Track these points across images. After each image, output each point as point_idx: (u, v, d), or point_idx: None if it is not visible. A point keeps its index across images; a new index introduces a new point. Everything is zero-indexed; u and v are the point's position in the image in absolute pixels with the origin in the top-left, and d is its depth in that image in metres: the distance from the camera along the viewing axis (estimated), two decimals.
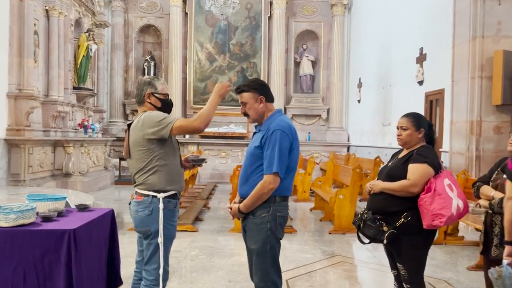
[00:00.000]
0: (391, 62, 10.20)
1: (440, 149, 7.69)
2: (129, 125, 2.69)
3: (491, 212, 2.72)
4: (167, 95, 2.79)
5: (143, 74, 13.73)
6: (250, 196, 2.48)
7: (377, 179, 2.81)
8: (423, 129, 2.71)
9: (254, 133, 2.67)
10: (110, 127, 13.16)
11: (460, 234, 5.74)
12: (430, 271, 4.46)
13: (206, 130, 13.02)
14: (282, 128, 2.48)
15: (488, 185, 2.83)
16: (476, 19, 6.33)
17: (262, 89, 2.59)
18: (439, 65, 7.70)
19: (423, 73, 8.46)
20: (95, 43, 10.71)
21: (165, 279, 2.71)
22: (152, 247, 2.61)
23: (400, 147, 2.85)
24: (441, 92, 7.74)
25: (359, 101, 12.74)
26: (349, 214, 6.16)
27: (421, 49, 8.49)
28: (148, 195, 2.60)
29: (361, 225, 2.71)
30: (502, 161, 2.89)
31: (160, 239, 2.58)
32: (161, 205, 2.58)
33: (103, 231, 2.87)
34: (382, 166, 3.10)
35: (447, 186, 2.54)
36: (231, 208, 2.62)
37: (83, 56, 10.28)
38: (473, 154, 6.39)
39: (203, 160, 2.84)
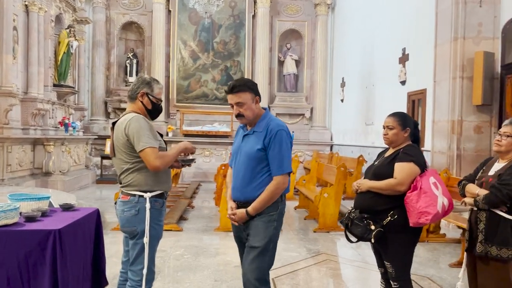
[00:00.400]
0: (374, 62, 10.31)
1: (422, 148, 7.78)
2: (114, 123, 2.64)
3: (476, 209, 2.77)
4: (161, 100, 2.76)
5: (125, 71, 13.57)
6: (262, 199, 2.46)
7: (364, 178, 2.82)
8: (409, 128, 2.75)
9: (245, 134, 2.60)
10: (91, 125, 12.95)
11: (441, 231, 5.84)
12: (413, 268, 4.49)
13: (190, 128, 12.99)
14: (284, 128, 2.51)
15: (474, 183, 2.88)
16: (457, 20, 6.45)
17: (257, 89, 2.58)
18: (421, 65, 7.81)
19: (405, 73, 8.57)
20: (76, 39, 10.53)
21: (151, 279, 2.68)
22: (138, 247, 2.57)
23: (387, 146, 2.88)
24: (423, 92, 7.85)
25: (342, 100, 12.84)
26: (334, 212, 6.21)
27: (404, 49, 8.60)
28: (134, 195, 2.56)
29: (349, 224, 2.72)
30: (487, 161, 2.95)
31: (146, 239, 2.54)
32: (147, 205, 2.54)
33: (88, 231, 2.82)
34: (365, 165, 3.13)
35: (432, 184, 2.57)
36: (234, 214, 2.56)
37: (64, 52, 10.10)
38: (454, 153, 6.51)
39: (192, 160, 2.81)
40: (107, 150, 11.67)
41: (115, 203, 2.67)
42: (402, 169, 2.61)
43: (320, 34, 13.55)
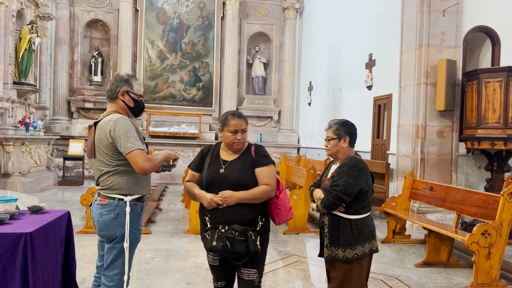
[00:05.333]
0: (341, 66, 10.52)
1: (388, 152, 8.03)
2: (95, 123, 2.55)
3: (321, 214, 2.78)
4: (142, 97, 2.69)
5: (90, 70, 13.21)
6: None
7: (206, 190, 2.51)
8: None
9: None
10: (53, 125, 12.50)
11: (406, 232, 6.02)
12: (381, 269, 4.65)
13: (157, 129, 12.79)
14: None
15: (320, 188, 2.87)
16: (422, 28, 6.68)
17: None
18: (388, 71, 8.04)
19: (372, 78, 8.80)
20: (38, 36, 10.15)
21: (127, 285, 2.61)
22: (115, 251, 2.48)
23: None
24: (389, 97, 8.09)
25: (309, 103, 13.02)
26: (304, 214, 6.28)
27: (371, 55, 8.83)
28: (114, 198, 2.48)
29: (228, 245, 2.36)
30: (329, 164, 2.93)
31: (126, 244, 2.46)
32: (127, 209, 2.47)
33: (59, 234, 2.72)
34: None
35: None
36: None
37: (25, 49, 9.72)
38: (418, 156, 6.73)
39: (173, 165, 2.74)
40: (71, 151, 11.30)
41: (90, 205, 2.58)
42: (270, 174, 2.53)
43: (288, 38, 13.71)
